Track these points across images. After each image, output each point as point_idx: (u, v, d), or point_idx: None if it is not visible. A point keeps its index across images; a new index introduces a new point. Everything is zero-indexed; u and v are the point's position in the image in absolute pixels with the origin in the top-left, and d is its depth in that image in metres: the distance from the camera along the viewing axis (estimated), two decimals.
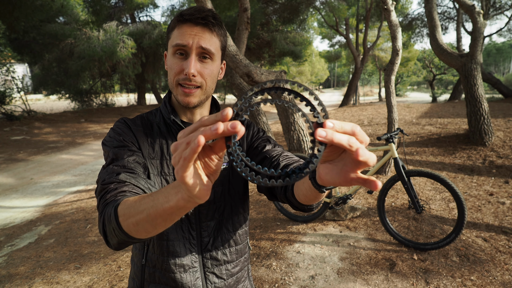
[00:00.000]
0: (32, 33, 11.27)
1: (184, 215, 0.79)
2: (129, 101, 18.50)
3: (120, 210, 0.55)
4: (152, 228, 0.51)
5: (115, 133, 0.77)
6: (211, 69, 0.75)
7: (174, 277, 0.79)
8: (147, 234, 0.54)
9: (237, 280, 0.88)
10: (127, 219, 0.53)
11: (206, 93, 0.77)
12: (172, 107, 0.83)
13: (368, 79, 40.83)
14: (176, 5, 15.52)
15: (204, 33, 0.72)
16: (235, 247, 0.86)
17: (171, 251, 0.79)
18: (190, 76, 0.71)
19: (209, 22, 0.72)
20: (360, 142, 0.39)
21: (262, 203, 3.61)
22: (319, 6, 14.47)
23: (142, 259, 0.82)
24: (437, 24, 4.82)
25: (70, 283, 2.31)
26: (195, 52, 0.72)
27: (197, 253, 0.81)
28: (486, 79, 10.91)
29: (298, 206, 0.77)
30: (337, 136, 0.36)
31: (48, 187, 4.74)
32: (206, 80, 0.75)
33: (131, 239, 0.55)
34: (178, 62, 0.72)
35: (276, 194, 0.82)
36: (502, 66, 45.01)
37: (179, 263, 0.79)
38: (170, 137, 0.81)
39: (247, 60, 4.14)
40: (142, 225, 0.51)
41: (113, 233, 0.56)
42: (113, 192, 0.63)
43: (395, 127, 3.85)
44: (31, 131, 9.33)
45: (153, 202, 0.49)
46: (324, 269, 2.31)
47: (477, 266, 2.22)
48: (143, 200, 0.52)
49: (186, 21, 0.72)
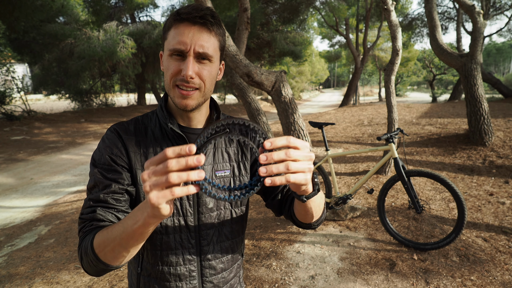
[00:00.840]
0: (32, 33, 11.27)
1: (184, 224, 0.78)
2: (129, 101, 18.49)
3: (95, 243, 0.62)
4: (125, 251, 0.58)
5: (104, 145, 0.74)
6: (210, 71, 0.72)
7: (169, 285, 0.79)
8: (123, 259, 0.61)
9: (231, 286, 0.88)
10: (103, 249, 0.60)
11: (205, 95, 0.74)
12: (168, 111, 0.80)
13: (368, 79, 40.83)
14: (176, 5, 15.51)
15: (202, 34, 0.69)
16: (231, 254, 0.86)
17: (165, 260, 0.78)
18: (188, 78, 0.68)
19: (207, 21, 0.69)
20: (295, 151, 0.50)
21: (262, 203, 3.61)
22: (319, 6, 14.48)
23: (138, 267, 0.81)
24: (437, 24, 4.82)
25: (70, 283, 2.31)
26: (193, 53, 0.69)
27: (196, 262, 0.80)
28: (486, 79, 10.91)
29: (301, 224, 0.81)
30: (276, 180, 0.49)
31: (48, 187, 4.74)
32: (204, 82, 0.72)
33: (109, 267, 0.62)
34: (175, 63, 0.70)
35: (283, 212, 0.85)
36: (502, 66, 45.02)
37: (174, 272, 0.78)
38: (166, 142, 0.78)
39: (247, 60, 4.14)
40: (117, 251, 0.58)
41: (91, 264, 0.63)
42: (88, 228, 0.68)
43: (395, 127, 3.86)
44: (31, 131, 9.33)
45: (123, 228, 0.57)
46: (324, 269, 2.31)
47: (477, 266, 2.22)
48: (114, 228, 0.59)
49: (183, 20, 0.68)
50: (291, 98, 4.67)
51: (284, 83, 4.50)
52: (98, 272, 0.64)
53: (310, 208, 0.69)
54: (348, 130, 7.13)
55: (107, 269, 0.63)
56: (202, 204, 0.79)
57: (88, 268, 0.64)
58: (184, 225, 0.78)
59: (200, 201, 0.79)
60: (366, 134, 6.45)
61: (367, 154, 4.96)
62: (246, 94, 5.18)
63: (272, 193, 0.86)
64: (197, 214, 0.79)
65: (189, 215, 0.78)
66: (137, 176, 0.75)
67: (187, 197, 0.78)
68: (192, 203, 0.78)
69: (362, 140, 6.03)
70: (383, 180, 3.93)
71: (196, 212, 0.79)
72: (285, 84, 4.50)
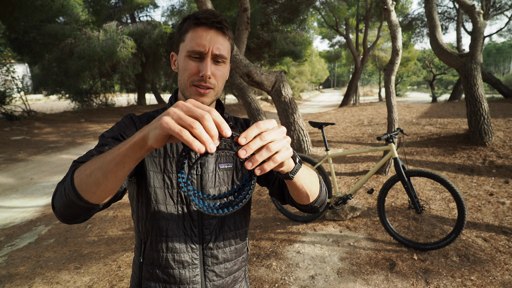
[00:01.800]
0: (32, 33, 11.26)
1: (187, 212, 0.81)
2: (129, 101, 18.49)
3: (78, 169, 0.59)
4: (102, 176, 0.54)
5: (118, 126, 0.79)
6: (223, 72, 0.79)
7: (173, 272, 0.81)
8: (95, 189, 0.56)
9: (235, 279, 0.89)
10: (82, 172, 0.57)
11: (217, 94, 0.80)
12: None
13: (368, 79, 40.84)
14: (176, 5, 15.53)
15: (218, 37, 0.75)
16: (235, 246, 0.88)
17: (169, 247, 0.80)
18: (207, 78, 0.74)
19: (223, 26, 0.76)
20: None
21: (262, 203, 3.61)
22: (319, 6, 14.48)
23: (140, 257, 0.84)
24: (437, 24, 4.82)
25: (70, 283, 2.31)
26: (210, 56, 0.75)
27: (198, 250, 0.83)
28: (486, 79, 10.91)
29: (303, 208, 0.81)
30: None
31: (48, 187, 4.74)
32: (218, 82, 0.78)
33: (79, 198, 0.57)
34: (194, 64, 0.75)
35: (285, 199, 0.85)
36: (502, 66, 45.03)
37: (178, 259, 0.81)
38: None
39: (247, 60, 4.14)
40: (94, 175, 0.55)
41: (62, 192, 0.59)
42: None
43: (395, 127, 3.86)
44: (31, 131, 9.33)
45: (109, 152, 0.55)
46: (324, 269, 2.31)
47: (477, 266, 2.22)
48: (100, 155, 0.57)
49: (201, 24, 0.75)
50: (291, 98, 4.67)
51: (284, 83, 4.50)
52: (65, 208, 0.60)
53: (301, 185, 0.68)
54: (348, 130, 7.12)
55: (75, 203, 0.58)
56: (206, 193, 0.80)
57: (59, 199, 0.60)
58: (187, 213, 0.81)
59: (203, 191, 0.82)
60: (366, 134, 6.45)
61: (367, 154, 4.96)
62: (246, 94, 5.18)
63: (270, 180, 0.88)
64: None
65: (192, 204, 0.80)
66: (146, 162, 0.79)
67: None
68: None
69: (362, 140, 6.03)
70: (383, 180, 3.93)
71: None
72: (285, 84, 4.50)
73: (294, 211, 3.16)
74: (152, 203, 0.80)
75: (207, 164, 0.83)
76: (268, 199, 3.66)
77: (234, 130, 0.51)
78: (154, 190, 0.80)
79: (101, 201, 0.59)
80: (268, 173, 0.87)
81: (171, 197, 0.80)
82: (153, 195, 0.80)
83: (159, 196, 0.80)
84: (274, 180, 0.87)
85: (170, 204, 0.80)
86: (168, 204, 0.80)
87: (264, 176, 0.88)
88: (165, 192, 0.80)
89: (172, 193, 0.80)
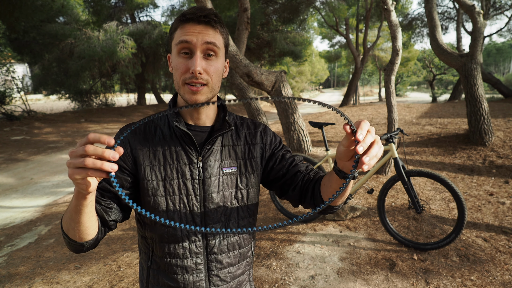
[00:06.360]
0: (32, 33, 11.26)
1: (190, 217, 0.80)
2: (129, 101, 18.47)
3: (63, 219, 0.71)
4: (76, 224, 0.65)
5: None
6: (216, 66, 0.76)
7: (176, 278, 0.81)
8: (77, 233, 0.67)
9: (239, 283, 0.88)
10: (65, 223, 0.68)
11: (213, 90, 0.77)
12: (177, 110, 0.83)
13: (368, 79, 40.81)
14: (176, 5, 15.53)
15: (207, 30, 0.73)
16: (239, 250, 0.87)
17: (172, 252, 0.80)
18: (197, 73, 0.71)
19: (211, 19, 0.73)
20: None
21: (262, 203, 3.61)
22: (319, 6, 14.47)
23: (148, 261, 0.84)
24: (437, 24, 4.81)
25: (70, 283, 2.31)
26: (200, 50, 0.72)
27: (202, 255, 0.82)
28: (486, 79, 10.90)
29: (327, 209, 0.80)
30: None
31: (48, 187, 4.74)
32: (211, 78, 0.75)
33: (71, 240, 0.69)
34: (184, 62, 0.73)
35: (305, 201, 0.84)
36: (502, 66, 45.03)
37: (181, 264, 0.80)
38: (173, 141, 0.80)
39: (247, 60, 4.14)
40: (70, 224, 0.66)
41: (63, 238, 0.72)
42: None
43: (395, 127, 3.85)
44: (31, 131, 9.33)
45: (70, 203, 0.64)
46: (324, 269, 2.31)
47: (477, 266, 2.22)
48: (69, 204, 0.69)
49: (188, 20, 0.73)
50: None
51: (284, 83, 4.49)
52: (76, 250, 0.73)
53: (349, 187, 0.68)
54: None
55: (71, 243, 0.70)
56: (208, 199, 0.81)
57: (66, 244, 0.73)
58: (191, 218, 0.80)
59: (206, 196, 0.80)
60: None
61: None
62: (246, 94, 5.18)
63: (290, 185, 0.87)
64: (203, 209, 0.81)
65: (195, 209, 0.80)
66: (145, 172, 0.79)
67: (194, 191, 0.80)
68: (198, 197, 0.80)
69: None
70: (383, 180, 3.93)
71: (202, 207, 0.81)
72: (285, 84, 4.50)
73: (294, 211, 3.16)
74: (154, 210, 0.79)
75: (210, 169, 0.81)
76: (268, 199, 3.66)
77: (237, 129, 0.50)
78: (156, 198, 0.78)
79: (87, 238, 0.69)
80: (286, 178, 0.87)
81: (173, 203, 0.79)
82: (156, 203, 0.79)
83: (161, 204, 0.79)
84: (295, 185, 0.86)
85: (172, 210, 0.79)
86: (169, 211, 0.79)
87: (282, 181, 0.88)
88: (167, 199, 0.79)
89: (174, 199, 0.79)
